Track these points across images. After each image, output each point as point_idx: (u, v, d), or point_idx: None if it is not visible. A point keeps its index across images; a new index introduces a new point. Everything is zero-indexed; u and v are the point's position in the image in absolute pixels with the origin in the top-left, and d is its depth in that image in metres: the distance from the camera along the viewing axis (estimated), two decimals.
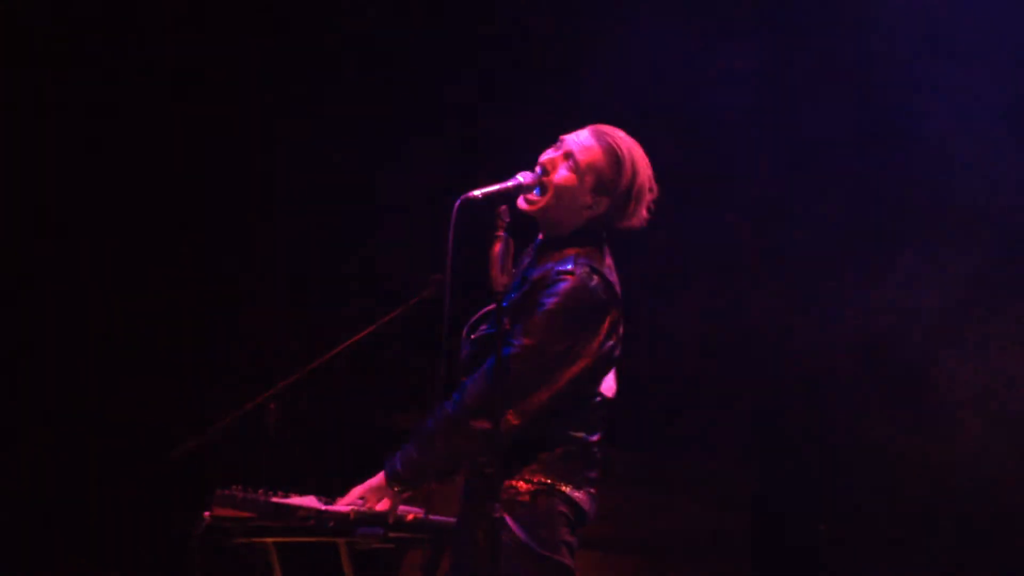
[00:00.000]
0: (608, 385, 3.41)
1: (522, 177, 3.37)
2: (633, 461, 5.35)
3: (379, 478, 3.34)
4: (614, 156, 3.38)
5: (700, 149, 5.39)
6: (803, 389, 5.53)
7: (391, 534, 3.36)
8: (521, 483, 3.28)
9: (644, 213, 3.44)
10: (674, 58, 5.42)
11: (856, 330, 5.43)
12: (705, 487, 5.54)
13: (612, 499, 5.13)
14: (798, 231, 5.51)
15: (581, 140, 3.41)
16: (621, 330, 3.40)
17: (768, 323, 5.52)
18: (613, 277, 3.39)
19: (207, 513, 3.40)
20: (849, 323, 5.43)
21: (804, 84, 5.44)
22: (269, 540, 3.50)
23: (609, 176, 3.38)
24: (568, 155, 3.39)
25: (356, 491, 3.36)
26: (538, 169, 3.40)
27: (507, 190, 3.33)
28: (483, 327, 3.42)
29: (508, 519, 3.24)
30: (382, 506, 3.32)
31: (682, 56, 5.41)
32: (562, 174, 3.38)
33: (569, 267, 3.31)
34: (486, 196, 3.28)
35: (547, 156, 3.41)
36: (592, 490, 3.37)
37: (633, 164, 3.39)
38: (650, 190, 3.44)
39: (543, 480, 3.28)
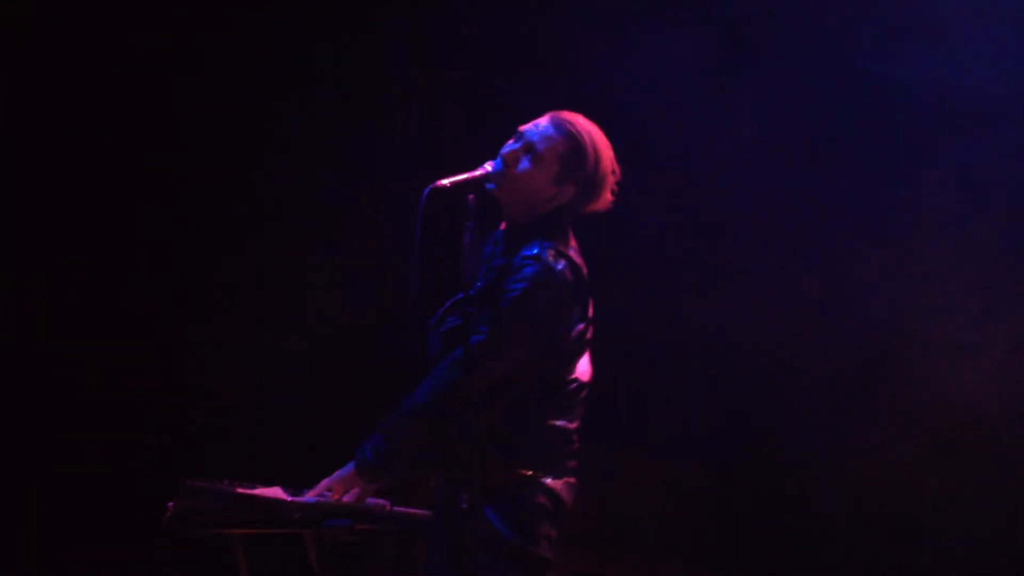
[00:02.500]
0: (583, 369, 3.39)
1: (489, 166, 3.36)
2: (598, 457, 5.33)
3: (348, 468, 3.31)
4: (576, 144, 3.36)
5: (651, 139, 5.38)
6: (771, 386, 5.53)
7: (357, 526, 3.33)
8: (500, 474, 3.25)
9: (609, 196, 3.42)
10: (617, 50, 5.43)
11: (825, 329, 5.43)
12: (671, 481, 5.53)
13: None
14: (763, 230, 5.50)
15: (541, 130, 3.38)
16: (591, 312, 3.38)
17: (734, 322, 5.51)
18: (579, 260, 3.37)
19: (171, 504, 3.37)
20: (816, 323, 5.43)
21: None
22: (234, 532, 3.47)
23: (572, 165, 3.36)
24: (529, 147, 3.36)
25: (325, 483, 3.34)
26: (499, 163, 3.37)
27: (475, 179, 3.32)
28: (451, 318, 3.39)
29: (487, 512, 3.22)
30: (350, 497, 3.30)
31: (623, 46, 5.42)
32: (524, 167, 3.36)
33: (534, 252, 3.29)
34: (454, 185, 3.27)
35: (507, 149, 3.39)
36: (572, 480, 3.34)
37: (595, 150, 3.37)
38: (613, 172, 3.42)
39: (523, 472, 3.26)
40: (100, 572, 5.25)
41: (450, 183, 3.27)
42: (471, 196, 3.27)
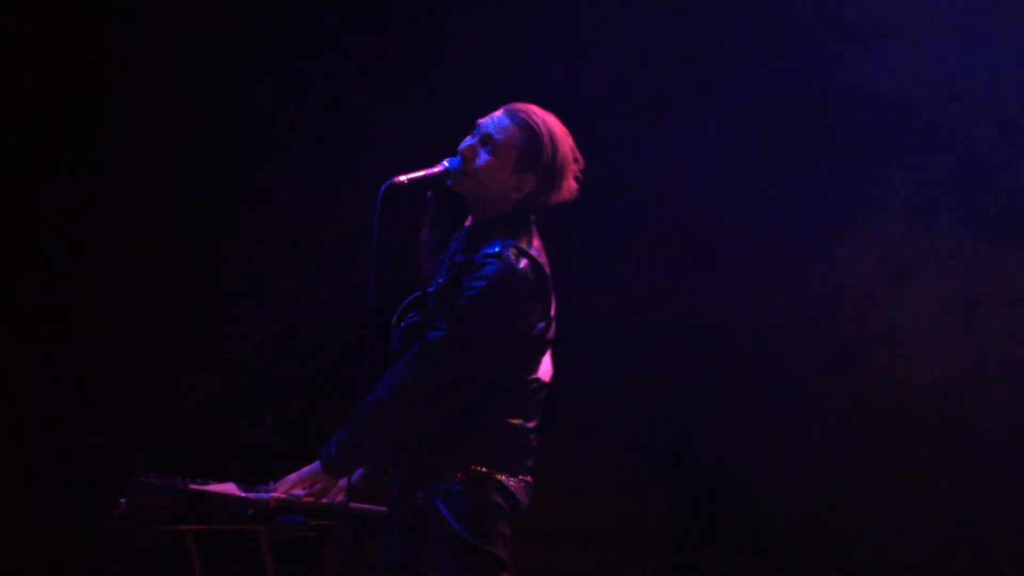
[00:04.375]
0: (545, 369, 3.38)
1: (448, 163, 3.35)
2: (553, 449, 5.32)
3: (313, 466, 3.31)
4: (531, 132, 3.36)
5: (613, 134, 5.38)
6: (735, 374, 5.53)
7: (312, 522, 3.32)
8: (456, 472, 3.25)
9: (573, 184, 3.42)
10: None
11: (790, 319, 5.44)
12: (615, 472, 5.53)
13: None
14: (732, 220, 5.51)
15: (497, 122, 3.38)
16: (553, 312, 3.38)
17: (677, 301, 5.51)
18: (543, 259, 3.36)
19: (122, 500, 3.34)
20: (782, 314, 5.45)
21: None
22: (187, 528, 3.45)
23: (530, 153, 3.35)
24: (486, 139, 3.36)
25: (289, 479, 3.33)
26: (458, 159, 3.37)
27: (433, 176, 3.31)
28: (411, 314, 3.39)
29: (442, 508, 3.22)
30: (315, 494, 3.29)
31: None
32: (483, 159, 3.36)
33: (496, 250, 3.28)
34: (412, 182, 3.26)
35: (466, 144, 3.39)
36: (528, 479, 3.34)
37: (552, 137, 3.37)
38: (575, 160, 3.42)
39: (479, 469, 3.25)
40: (52, 570, 5.22)
41: (407, 179, 3.26)
42: (429, 192, 3.26)
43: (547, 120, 3.40)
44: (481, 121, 3.40)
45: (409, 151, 3.65)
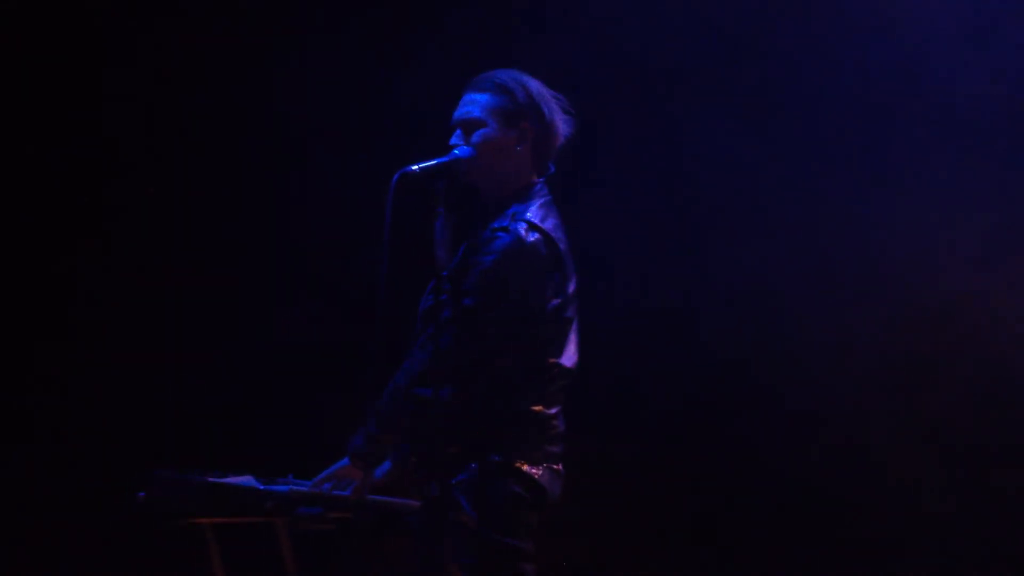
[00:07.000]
0: (569, 355, 3.34)
1: (459, 151, 3.35)
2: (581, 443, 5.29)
3: (342, 461, 3.31)
4: (496, 87, 3.38)
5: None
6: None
7: (331, 514, 3.33)
8: (475, 462, 3.22)
9: (563, 115, 3.43)
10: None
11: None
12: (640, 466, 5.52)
13: None
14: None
15: (465, 103, 3.40)
16: (571, 290, 3.35)
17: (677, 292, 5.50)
18: (559, 234, 3.34)
19: (142, 494, 3.35)
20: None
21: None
22: (206, 521, 3.46)
23: (508, 102, 3.37)
24: (467, 124, 3.38)
25: (323, 475, 3.33)
26: (467, 147, 3.37)
27: (445, 165, 3.30)
28: (428, 297, 3.35)
29: (461, 499, 3.19)
30: (350, 488, 3.30)
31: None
32: (477, 136, 3.36)
33: (505, 224, 3.28)
34: (424, 171, 3.26)
35: (455, 139, 3.40)
36: (555, 466, 3.29)
37: (515, 80, 3.39)
38: (554, 97, 3.43)
39: (498, 459, 3.22)
40: (71, 562, 5.24)
41: (419, 168, 3.25)
42: (440, 183, 3.25)
43: (505, 71, 3.41)
44: (455, 115, 3.42)
45: (411, 144, 3.64)
